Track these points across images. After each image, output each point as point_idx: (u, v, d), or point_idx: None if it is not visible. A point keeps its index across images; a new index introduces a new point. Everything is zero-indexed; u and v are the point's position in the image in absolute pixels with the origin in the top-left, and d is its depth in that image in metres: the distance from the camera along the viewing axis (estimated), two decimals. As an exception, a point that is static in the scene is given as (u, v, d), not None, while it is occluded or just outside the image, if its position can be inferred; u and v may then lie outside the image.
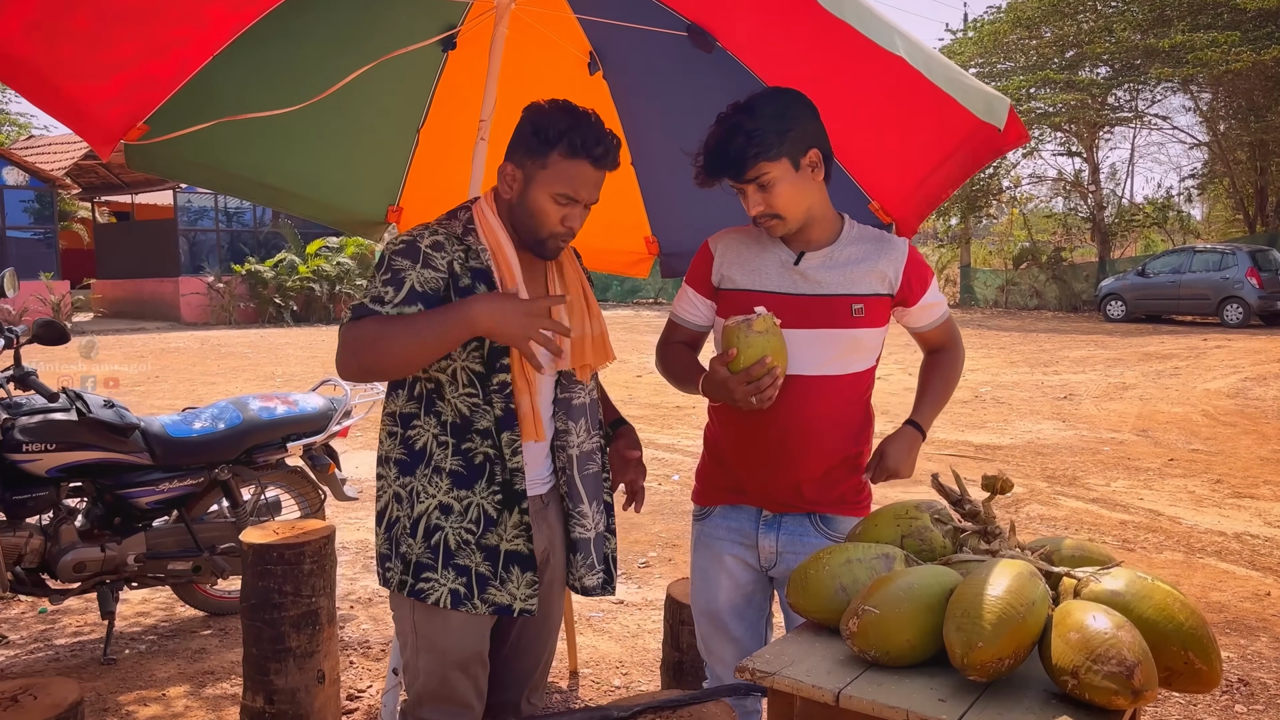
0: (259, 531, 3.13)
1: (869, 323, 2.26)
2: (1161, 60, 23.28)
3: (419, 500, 2.13)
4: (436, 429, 2.13)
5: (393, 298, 2.01)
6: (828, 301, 2.24)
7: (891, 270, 2.28)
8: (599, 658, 4.03)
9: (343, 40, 3.05)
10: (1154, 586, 1.57)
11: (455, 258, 2.08)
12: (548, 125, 2.09)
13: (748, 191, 2.21)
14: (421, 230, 2.11)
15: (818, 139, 2.21)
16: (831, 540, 2.29)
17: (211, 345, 17.95)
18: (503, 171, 2.15)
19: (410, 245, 2.07)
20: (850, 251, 2.28)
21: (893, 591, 1.61)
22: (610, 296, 30.41)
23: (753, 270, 2.31)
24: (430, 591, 2.10)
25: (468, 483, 2.12)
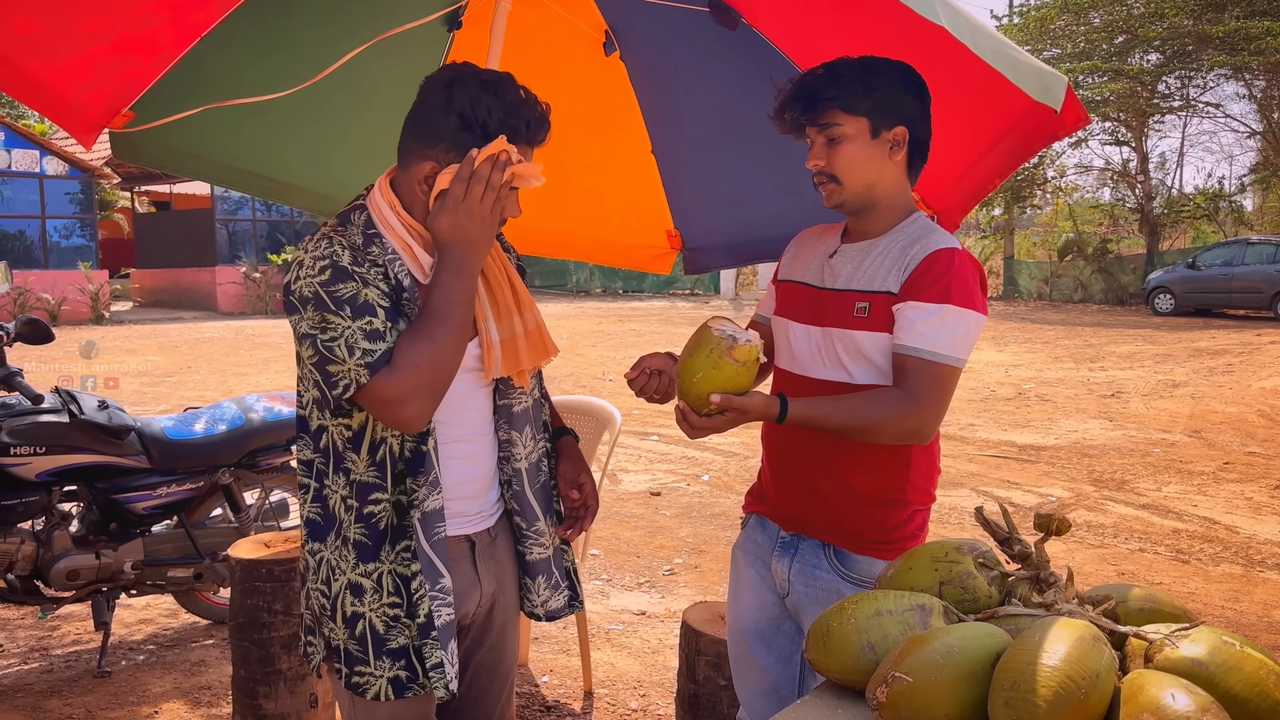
0: (248, 545, 2.94)
1: (873, 325, 1.93)
2: (1215, 47, 22.61)
3: (334, 578, 1.81)
4: (345, 489, 1.79)
5: (379, 323, 1.67)
6: (835, 297, 2.00)
7: (909, 265, 1.92)
8: (616, 677, 3.81)
9: (340, 18, 2.85)
10: (1244, 655, 1.31)
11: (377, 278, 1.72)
12: (477, 114, 1.72)
13: (813, 141, 1.98)
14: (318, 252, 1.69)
15: (911, 119, 1.96)
16: (844, 580, 2.02)
17: (246, 335, 17.97)
18: (419, 175, 1.75)
19: (334, 266, 1.67)
20: (889, 246, 1.97)
21: (929, 655, 1.36)
22: (646, 287, 30.20)
23: (802, 260, 2.13)
24: (368, 686, 1.78)
25: (373, 553, 1.78)
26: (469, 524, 1.91)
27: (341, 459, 1.78)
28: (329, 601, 1.81)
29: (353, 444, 1.77)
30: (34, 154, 21.56)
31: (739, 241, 3.39)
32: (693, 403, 1.83)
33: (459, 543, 1.89)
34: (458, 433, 1.86)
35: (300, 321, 1.69)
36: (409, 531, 1.77)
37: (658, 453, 7.95)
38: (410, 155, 1.79)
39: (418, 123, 1.79)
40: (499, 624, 2.03)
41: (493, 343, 1.85)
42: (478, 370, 1.87)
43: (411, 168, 1.78)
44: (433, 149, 1.75)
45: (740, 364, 1.79)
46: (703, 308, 25.16)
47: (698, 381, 1.80)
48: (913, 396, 1.86)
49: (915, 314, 1.88)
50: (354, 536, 1.78)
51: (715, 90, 2.99)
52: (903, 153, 1.97)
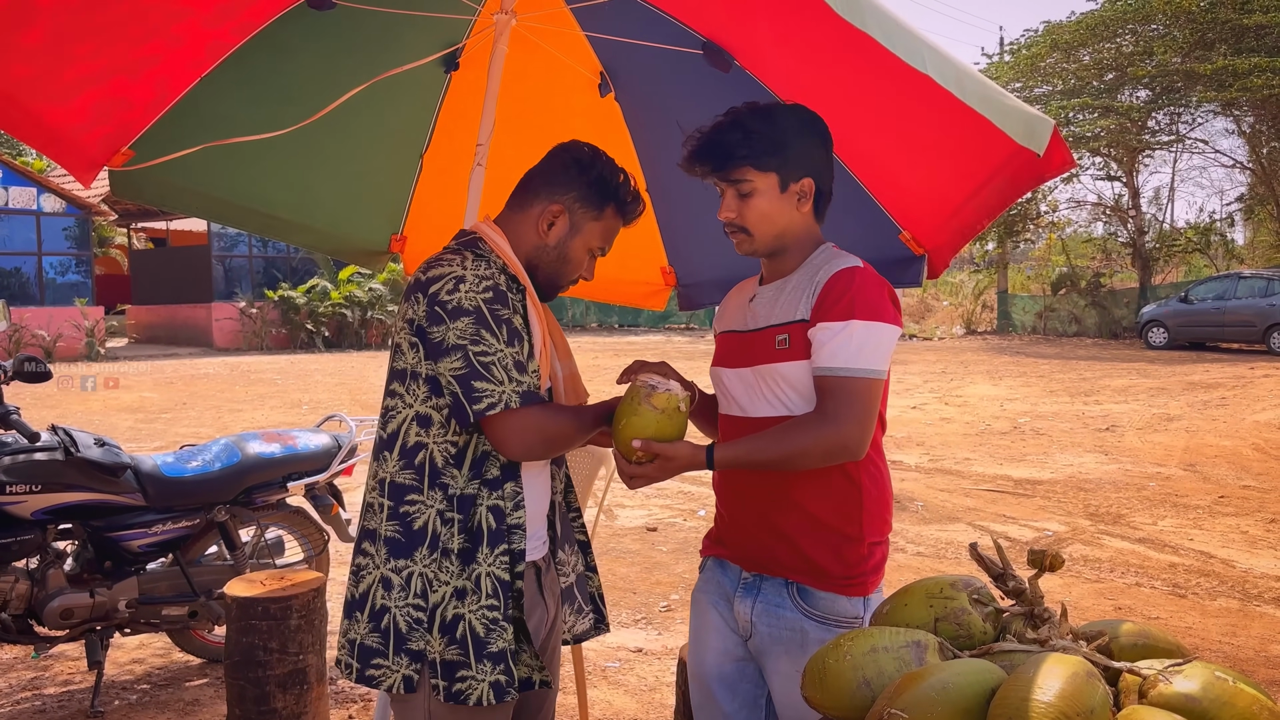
0: (243, 584, 2.94)
1: (793, 355, 1.97)
2: (1204, 84, 22.86)
3: (432, 589, 1.87)
4: (443, 504, 1.88)
5: (523, 355, 1.87)
6: (758, 336, 2.06)
7: (816, 289, 1.96)
8: (613, 715, 3.79)
9: (338, 60, 2.89)
10: (1236, 691, 1.32)
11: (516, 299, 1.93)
12: (609, 178, 2.03)
13: (725, 195, 2.05)
14: (487, 266, 1.88)
15: (818, 170, 2.04)
16: (807, 619, 2.02)
17: (241, 371, 17.96)
18: (544, 211, 2.00)
19: (495, 290, 1.86)
20: (800, 279, 2.03)
21: (925, 691, 1.37)
22: (642, 322, 30.25)
23: (729, 311, 2.23)
24: (470, 691, 1.84)
25: (473, 555, 1.87)
26: (536, 550, 2.04)
27: (439, 474, 1.88)
28: (425, 614, 1.87)
29: (455, 460, 1.89)
30: (31, 191, 21.63)
31: (733, 278, 3.39)
32: (622, 450, 1.89)
33: (529, 567, 2.01)
34: (535, 466, 2.02)
35: (448, 331, 1.82)
36: (506, 536, 1.88)
37: (654, 489, 7.93)
38: (537, 197, 2.02)
39: (552, 173, 2.03)
40: (552, 647, 2.14)
41: (558, 377, 2.07)
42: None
43: (534, 208, 2.00)
44: (564, 196, 2.00)
45: (660, 411, 1.85)
46: (698, 342, 25.20)
47: (622, 429, 1.88)
48: (829, 416, 1.90)
49: (824, 335, 1.92)
50: (456, 546, 1.87)
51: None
52: (810, 202, 2.05)
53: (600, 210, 2.02)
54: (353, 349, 23.48)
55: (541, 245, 2.00)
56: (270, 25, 2.62)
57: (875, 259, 2.80)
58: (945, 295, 31.69)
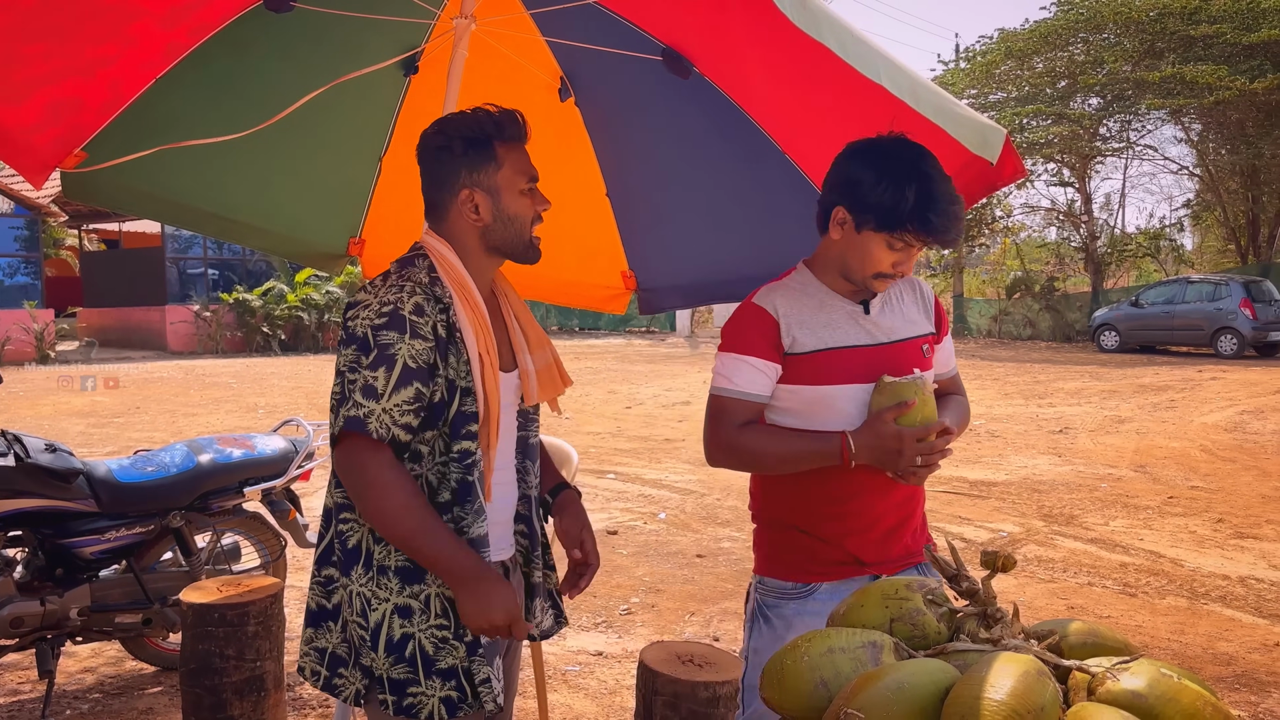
0: (199, 590, 2.90)
1: (931, 362, 2.25)
2: (1152, 92, 23.31)
3: (370, 608, 1.87)
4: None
5: (384, 385, 1.80)
6: (903, 347, 2.18)
7: (929, 306, 2.29)
8: (572, 719, 3.79)
9: (296, 62, 2.87)
10: (1181, 687, 1.36)
11: (438, 320, 1.87)
12: (474, 128, 1.95)
13: (912, 257, 2.10)
14: (399, 291, 1.86)
15: None
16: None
17: (196, 375, 17.72)
18: (460, 204, 1.96)
19: (394, 314, 1.83)
20: (895, 293, 2.24)
21: (880, 691, 1.39)
22: (603, 325, 30.25)
23: (823, 328, 2.14)
24: (420, 706, 1.86)
25: (419, 575, 1.88)
26: (504, 551, 2.06)
27: None
28: (368, 633, 1.87)
29: None
30: (-21, 191, 21.20)
31: (693, 282, 3.44)
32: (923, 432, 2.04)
33: (497, 566, 2.02)
34: (502, 461, 2.01)
35: (340, 357, 1.85)
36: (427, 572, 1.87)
37: (615, 491, 7.95)
38: (443, 195, 1.98)
39: (434, 168, 1.98)
40: (514, 648, 2.16)
41: (529, 372, 2.04)
42: (517, 400, 2.04)
43: (451, 207, 1.97)
44: (460, 177, 1.95)
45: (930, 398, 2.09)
46: (659, 345, 25.26)
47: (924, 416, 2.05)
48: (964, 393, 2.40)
49: (948, 343, 2.35)
50: (394, 564, 1.87)
51: (668, 135, 3.05)
52: None
53: (494, 158, 1.95)
54: (310, 352, 23.24)
55: (484, 229, 1.97)
56: (227, 27, 2.60)
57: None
58: (902, 299, 31.96)
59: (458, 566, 1.83)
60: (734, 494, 7.81)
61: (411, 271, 1.93)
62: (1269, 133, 22.75)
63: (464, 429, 1.89)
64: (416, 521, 1.81)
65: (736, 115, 2.72)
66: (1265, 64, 21.95)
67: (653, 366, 19.53)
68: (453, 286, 1.92)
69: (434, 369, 1.86)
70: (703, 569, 5.81)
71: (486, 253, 2.00)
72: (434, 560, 1.84)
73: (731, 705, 2.57)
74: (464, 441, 1.89)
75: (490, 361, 1.91)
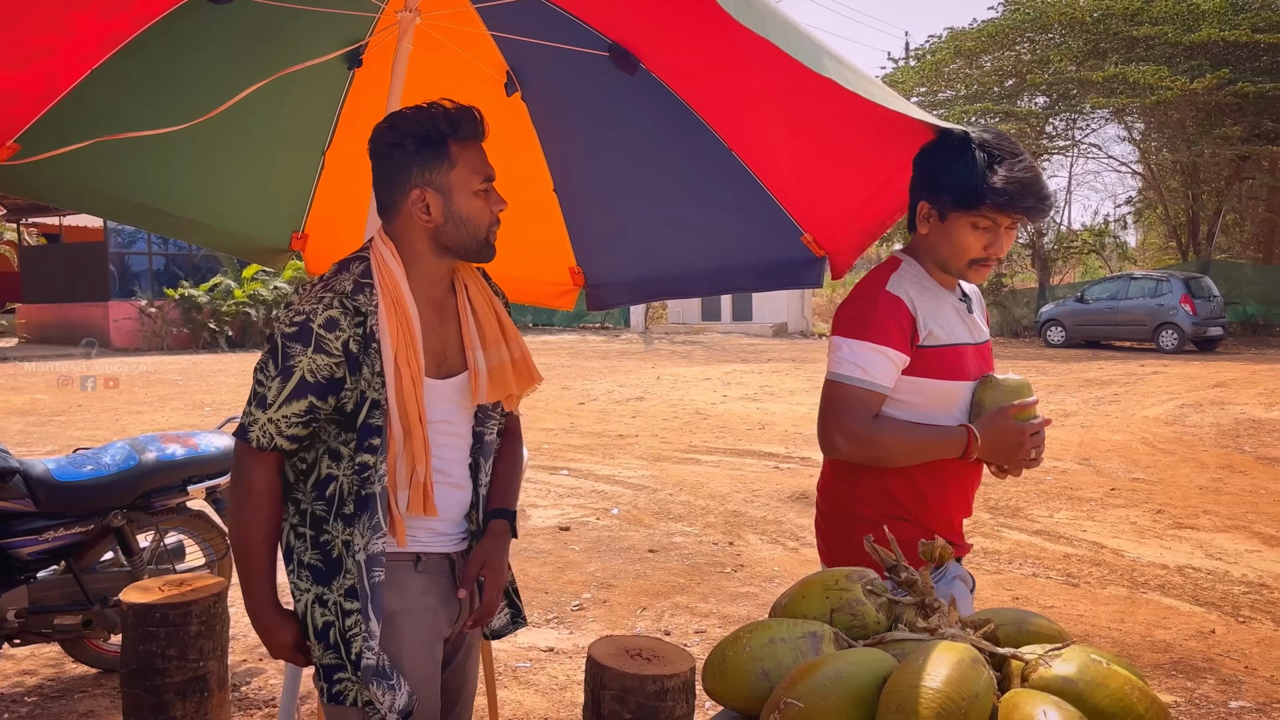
0: (140, 590, 2.85)
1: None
2: (1097, 91, 23.73)
3: (296, 597, 1.94)
4: (295, 518, 1.95)
5: (276, 395, 1.84)
6: (989, 347, 2.29)
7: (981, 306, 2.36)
8: (523, 715, 3.79)
9: (238, 55, 2.83)
10: (1110, 672, 1.39)
11: (352, 334, 1.86)
12: (427, 126, 1.91)
13: (1006, 232, 2.09)
14: (315, 302, 1.87)
15: None
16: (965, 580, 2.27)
17: (141, 372, 17.39)
18: (412, 204, 1.92)
19: (302, 327, 1.85)
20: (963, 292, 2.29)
21: (819, 681, 1.41)
22: (556, 321, 30.18)
23: (946, 323, 2.16)
24: (346, 692, 1.89)
25: (327, 579, 1.91)
26: (451, 544, 2.05)
27: (293, 489, 1.95)
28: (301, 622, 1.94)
29: (304, 476, 1.94)
30: (-87, 184, 20.61)
31: (641, 279, 3.44)
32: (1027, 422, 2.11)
33: (441, 560, 2.03)
34: (445, 462, 2.00)
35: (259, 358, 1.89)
36: (352, 570, 1.88)
37: (567, 487, 7.94)
38: (394, 195, 1.94)
39: (385, 168, 1.94)
40: (467, 644, 2.15)
41: (479, 370, 2.00)
42: (464, 402, 2.02)
43: (402, 208, 1.93)
44: (411, 177, 1.91)
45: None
46: (612, 341, 25.27)
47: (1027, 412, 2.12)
48: None
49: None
50: (310, 561, 1.92)
51: (615, 131, 3.05)
52: None
53: (448, 157, 1.92)
54: (257, 349, 22.84)
55: (436, 229, 1.94)
56: (168, 18, 2.56)
57: (778, 260, 2.89)
58: (854, 295, 32.25)
59: (249, 598, 1.94)
60: (686, 489, 7.84)
61: (337, 280, 1.91)
62: (1208, 132, 23.27)
63: (367, 441, 1.87)
64: (247, 540, 1.91)
65: (683, 111, 2.72)
66: (1204, 64, 22.45)
67: (606, 362, 19.53)
68: (383, 294, 1.90)
69: (338, 383, 1.86)
70: (655, 564, 5.83)
71: (437, 253, 1.97)
72: (242, 581, 1.95)
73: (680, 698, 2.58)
74: (365, 454, 1.87)
75: (410, 374, 1.88)
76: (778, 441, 10.17)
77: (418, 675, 1.95)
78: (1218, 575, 5.64)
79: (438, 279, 2.01)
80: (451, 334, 2.02)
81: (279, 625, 1.95)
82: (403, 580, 1.96)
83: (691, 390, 14.64)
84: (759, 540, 6.41)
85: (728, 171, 2.77)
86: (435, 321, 1.99)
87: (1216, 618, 4.94)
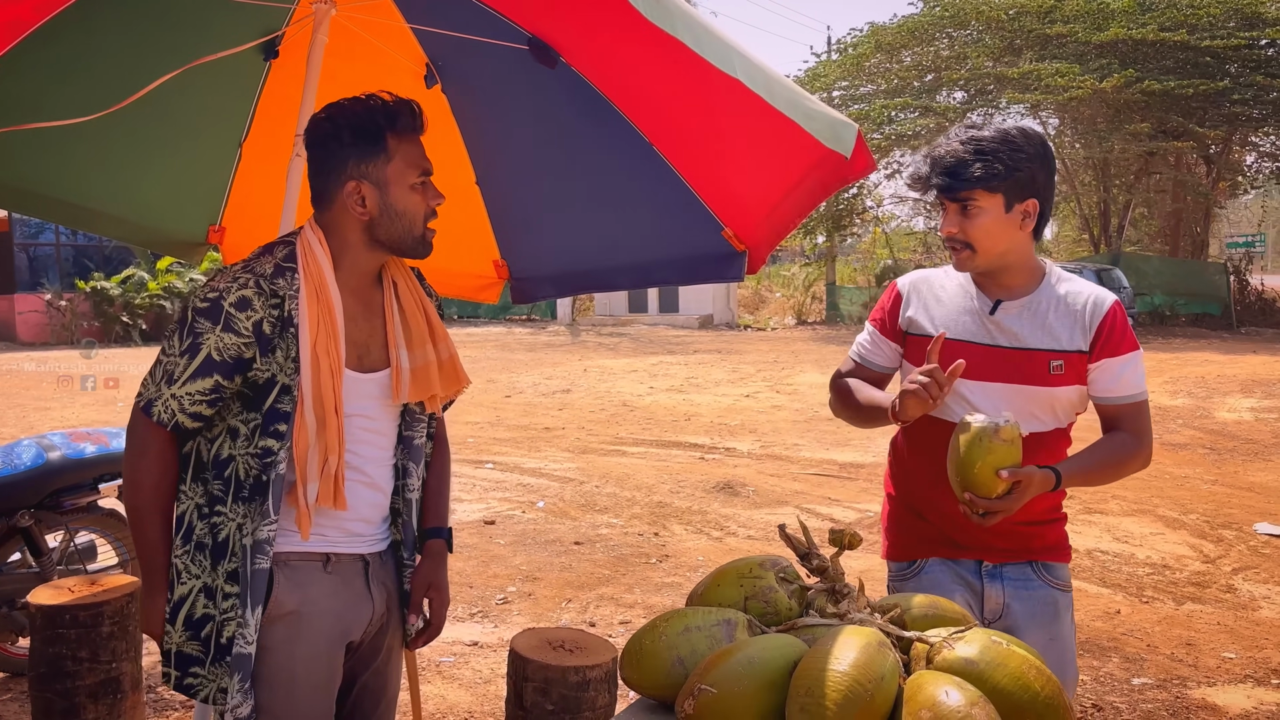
0: (50, 591, 2.79)
1: (1068, 380, 2.18)
2: (1013, 87, 24.31)
3: (180, 581, 1.89)
4: (201, 498, 1.90)
5: (182, 372, 1.82)
6: (1027, 356, 2.18)
7: (1090, 323, 2.18)
8: (446, 709, 3.78)
9: (151, 44, 2.77)
10: (1009, 653, 1.46)
11: (266, 315, 1.84)
12: (364, 118, 1.90)
13: (949, 211, 2.15)
14: (231, 280, 1.85)
15: (1043, 192, 2.15)
16: (1055, 589, 2.27)
17: (50, 367, 16.82)
18: (346, 197, 1.91)
19: (214, 304, 1.83)
20: (1051, 302, 2.20)
21: (732, 667, 1.45)
22: (482, 314, 29.95)
23: (945, 315, 2.23)
24: (200, 688, 1.87)
25: (215, 560, 1.88)
26: (365, 544, 2.02)
27: (203, 470, 1.91)
28: (169, 605, 1.89)
29: (213, 457, 1.90)
30: None
31: (565, 272, 3.45)
32: (983, 488, 1.96)
33: (354, 561, 2.00)
34: (363, 460, 1.97)
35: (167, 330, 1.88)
36: (238, 553, 1.85)
37: (492, 480, 7.91)
38: (329, 186, 1.92)
39: (320, 160, 1.93)
40: (387, 646, 2.11)
41: (402, 370, 1.98)
42: (386, 397, 1.98)
43: (336, 199, 1.91)
44: (347, 169, 1.90)
45: (1009, 443, 1.94)
46: (539, 333, 25.18)
47: (978, 470, 1.95)
48: (1141, 435, 2.22)
49: (1120, 367, 2.18)
50: (210, 543, 1.88)
51: (537, 124, 3.05)
52: (1033, 222, 2.17)
53: (385, 150, 1.90)
54: (174, 342, 22.36)
55: (370, 222, 1.92)
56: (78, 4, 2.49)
57: (700, 254, 2.92)
58: (778, 287, 32.65)
59: (144, 570, 1.93)
60: (612, 481, 7.87)
61: (259, 262, 1.90)
62: (1118, 128, 23.98)
63: (273, 426, 1.85)
64: (143, 511, 1.89)
65: (604, 106, 2.74)
66: (1114, 62, 23.13)
67: (533, 355, 19.47)
68: (306, 281, 1.88)
69: (246, 363, 1.84)
70: (580, 556, 5.85)
71: (370, 246, 1.96)
72: (136, 547, 1.94)
73: (602, 688, 2.61)
74: (269, 439, 1.85)
75: (329, 364, 1.86)
76: (703, 432, 10.27)
77: (311, 680, 1.92)
78: (1124, 558, 5.86)
79: (366, 272, 2.00)
80: (376, 329, 2.00)
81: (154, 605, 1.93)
82: (308, 580, 1.93)
83: (618, 382, 14.68)
84: (684, 531, 6.47)
85: (650, 166, 2.80)
86: (360, 314, 1.97)
87: (1122, 599, 5.13)
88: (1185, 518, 6.75)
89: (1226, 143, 26.07)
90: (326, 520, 1.93)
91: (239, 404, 1.88)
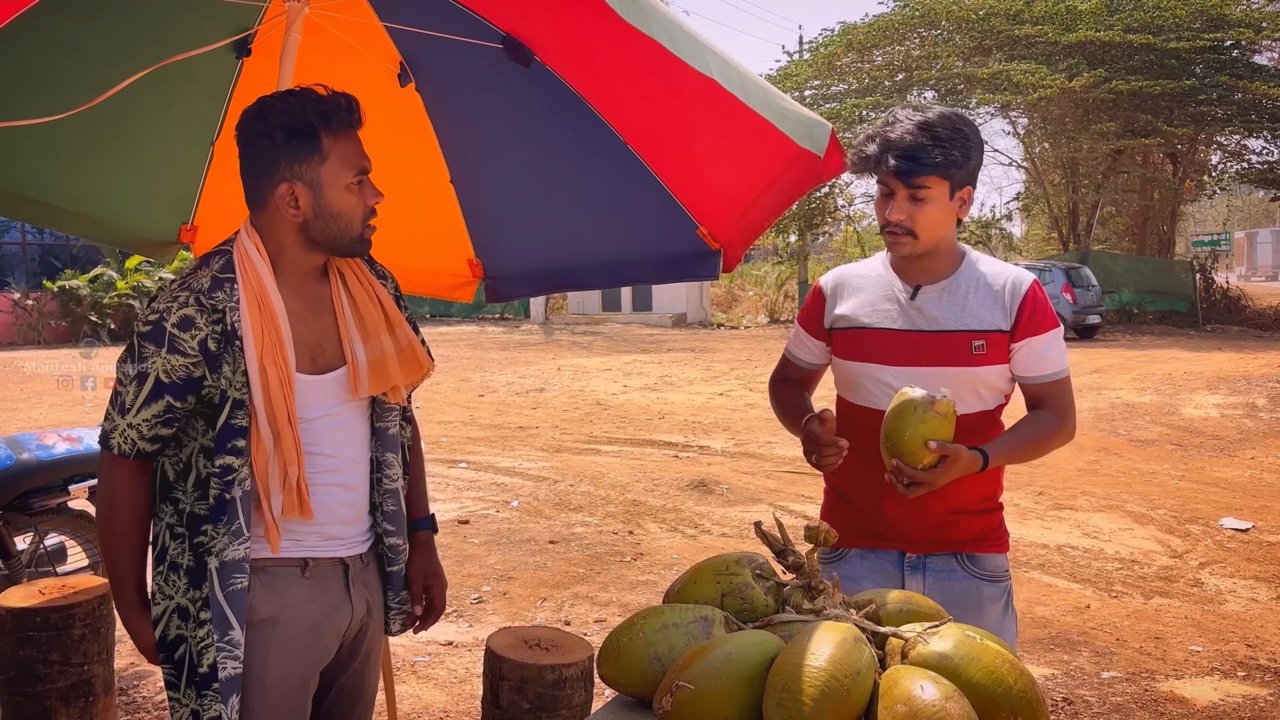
0: (20, 594, 2.76)
1: (990, 360, 2.20)
2: (982, 87, 24.52)
3: (155, 602, 1.88)
4: (173, 518, 1.88)
5: (133, 399, 1.81)
6: (949, 338, 2.20)
7: (1010, 303, 2.20)
8: (422, 709, 3.78)
9: (121, 42, 2.74)
10: (983, 647, 1.48)
11: (210, 332, 1.80)
12: (297, 118, 1.83)
13: (898, 197, 2.12)
14: (171, 300, 1.81)
15: (974, 179, 2.18)
16: (980, 580, 2.26)
17: (15, 368, 16.61)
18: (279, 198, 1.85)
19: (156, 326, 1.79)
20: (970, 284, 2.23)
21: (709, 663, 1.46)
22: (454, 313, 29.86)
23: (868, 306, 2.25)
24: (174, 712, 1.85)
25: (198, 581, 1.84)
26: (344, 547, 1.98)
27: (172, 488, 1.87)
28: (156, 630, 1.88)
29: (183, 476, 1.86)
30: None
31: (540, 270, 3.46)
32: (910, 455, 1.97)
33: (333, 565, 1.97)
34: (336, 461, 1.94)
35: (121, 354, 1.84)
36: (207, 578, 1.81)
37: (466, 480, 7.90)
38: (262, 187, 1.87)
39: (252, 160, 1.87)
40: (365, 649, 2.08)
41: (359, 363, 1.93)
42: (348, 394, 1.94)
43: (269, 200, 1.86)
44: (280, 170, 1.84)
45: (943, 416, 1.96)
46: (512, 332, 25.13)
47: (908, 437, 1.96)
48: (1064, 412, 2.23)
49: (1042, 345, 2.20)
50: (185, 563, 1.84)
51: (512, 123, 3.05)
52: (968, 209, 2.20)
53: (319, 150, 1.84)
54: (143, 342, 22.15)
55: (304, 224, 1.86)
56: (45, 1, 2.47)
57: (675, 253, 2.93)
58: (750, 286, 32.75)
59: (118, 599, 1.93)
60: (586, 479, 7.87)
61: (195, 277, 1.84)
62: (1086, 128, 24.25)
63: (229, 443, 1.81)
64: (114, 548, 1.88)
65: (579, 105, 2.74)
66: (1082, 63, 23.38)
67: (506, 354, 19.43)
68: (246, 291, 1.83)
69: (196, 382, 1.81)
70: (555, 555, 5.85)
71: (306, 247, 1.90)
72: (111, 584, 1.93)
73: (578, 687, 2.62)
74: (227, 456, 1.80)
75: (278, 374, 1.82)
76: (677, 431, 10.28)
77: (284, 685, 1.90)
78: (1093, 553, 5.93)
79: (308, 270, 1.94)
80: (328, 326, 1.94)
81: (148, 626, 1.90)
82: (284, 586, 1.90)
83: (592, 381, 14.68)
84: (658, 529, 6.49)
85: (625, 165, 2.80)
86: (308, 314, 1.92)
87: (1091, 593, 5.20)
88: (1153, 513, 6.84)
89: (1193, 142, 26.42)
90: (302, 526, 1.90)
91: (202, 422, 1.85)
